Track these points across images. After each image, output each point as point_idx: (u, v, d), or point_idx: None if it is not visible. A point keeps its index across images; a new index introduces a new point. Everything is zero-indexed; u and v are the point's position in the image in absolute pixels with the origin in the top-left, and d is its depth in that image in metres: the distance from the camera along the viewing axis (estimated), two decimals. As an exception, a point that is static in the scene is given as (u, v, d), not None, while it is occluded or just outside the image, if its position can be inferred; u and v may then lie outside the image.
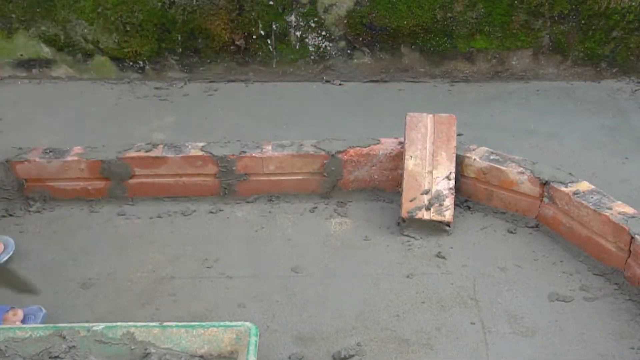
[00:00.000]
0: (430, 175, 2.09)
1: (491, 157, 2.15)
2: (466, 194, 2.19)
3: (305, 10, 2.93)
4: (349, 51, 3.00)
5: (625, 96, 2.89)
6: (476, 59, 3.00)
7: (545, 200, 2.06)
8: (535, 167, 2.09)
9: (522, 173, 2.08)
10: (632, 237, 1.80)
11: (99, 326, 1.48)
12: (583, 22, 2.91)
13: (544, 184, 2.05)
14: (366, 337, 1.71)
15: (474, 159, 2.15)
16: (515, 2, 2.89)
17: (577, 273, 1.92)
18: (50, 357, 1.47)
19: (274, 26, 2.96)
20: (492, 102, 2.86)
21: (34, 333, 1.48)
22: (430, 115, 2.17)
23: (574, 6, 2.89)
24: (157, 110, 2.74)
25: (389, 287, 1.89)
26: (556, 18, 2.91)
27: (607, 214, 1.87)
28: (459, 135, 2.24)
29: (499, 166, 2.11)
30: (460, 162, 2.15)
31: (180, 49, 2.92)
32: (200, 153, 2.20)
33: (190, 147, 2.23)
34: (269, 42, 2.98)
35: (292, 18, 2.94)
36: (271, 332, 1.73)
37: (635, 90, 2.93)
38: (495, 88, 2.97)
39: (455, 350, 1.68)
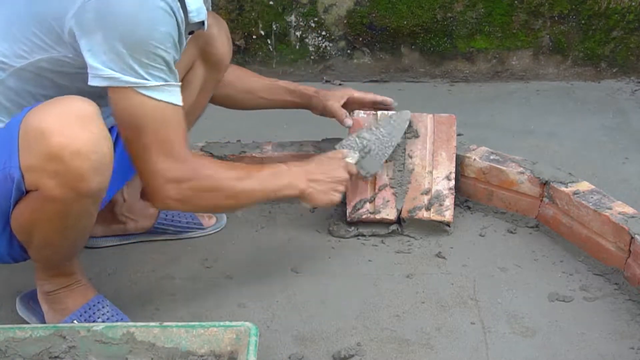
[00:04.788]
0: (430, 175, 2.08)
1: (491, 157, 2.15)
2: (466, 194, 2.19)
3: (305, 10, 2.93)
4: (349, 51, 3.00)
5: (625, 96, 2.89)
6: (476, 59, 3.00)
7: (545, 200, 2.06)
8: (535, 167, 2.09)
9: (522, 173, 2.08)
10: (632, 237, 1.80)
11: (99, 326, 1.48)
12: (583, 22, 2.91)
13: (544, 184, 2.05)
14: (366, 337, 1.71)
15: (474, 159, 2.15)
16: (515, 2, 2.89)
17: (577, 273, 1.92)
18: (50, 357, 1.47)
19: (274, 26, 2.96)
20: (492, 102, 2.86)
21: (34, 333, 1.48)
22: (430, 115, 2.16)
23: (574, 6, 2.89)
24: (157, 110, 2.73)
25: (389, 287, 1.89)
26: (556, 18, 2.91)
27: (607, 214, 1.87)
28: (459, 135, 2.24)
29: (499, 166, 2.11)
30: (460, 162, 2.15)
31: (180, 49, 2.91)
32: (200, 153, 2.20)
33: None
34: (269, 42, 2.98)
35: (292, 18, 2.94)
36: (271, 332, 1.73)
37: (635, 90, 2.93)
38: (495, 88, 2.97)
39: (455, 350, 1.68)
